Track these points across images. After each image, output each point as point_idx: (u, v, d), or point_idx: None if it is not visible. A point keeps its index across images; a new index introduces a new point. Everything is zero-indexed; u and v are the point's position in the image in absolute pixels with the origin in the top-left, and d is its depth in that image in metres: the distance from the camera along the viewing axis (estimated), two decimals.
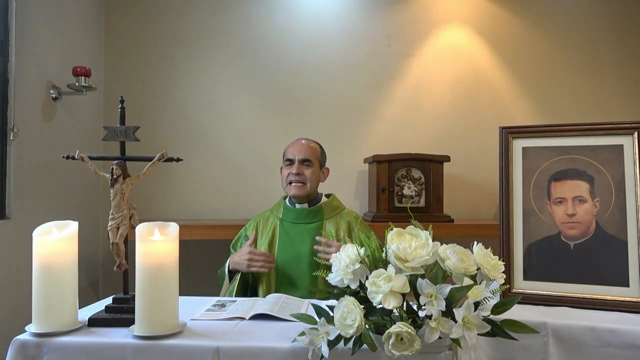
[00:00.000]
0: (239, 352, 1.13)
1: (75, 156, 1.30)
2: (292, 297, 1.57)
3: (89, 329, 1.25)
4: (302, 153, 2.05)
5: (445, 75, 3.04)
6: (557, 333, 1.26)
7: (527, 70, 3.06)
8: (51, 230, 1.24)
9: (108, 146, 2.59)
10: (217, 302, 1.52)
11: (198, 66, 2.99)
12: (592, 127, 1.49)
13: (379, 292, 1.01)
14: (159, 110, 2.97)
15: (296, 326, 1.21)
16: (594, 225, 1.44)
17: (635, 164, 1.42)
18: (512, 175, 1.54)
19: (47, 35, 2.36)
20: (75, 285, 1.26)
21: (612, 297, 1.37)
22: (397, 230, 1.09)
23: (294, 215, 2.06)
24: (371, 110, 3.03)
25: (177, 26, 2.99)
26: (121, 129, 1.35)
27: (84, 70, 2.42)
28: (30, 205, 2.22)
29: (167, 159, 1.34)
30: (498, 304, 1.09)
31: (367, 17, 3.03)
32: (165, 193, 2.95)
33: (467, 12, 3.05)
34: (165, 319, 1.19)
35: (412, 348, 0.97)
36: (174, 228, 1.24)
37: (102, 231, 2.85)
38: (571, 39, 3.07)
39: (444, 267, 1.06)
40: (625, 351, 1.21)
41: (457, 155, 2.85)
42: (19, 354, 1.16)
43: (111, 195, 1.31)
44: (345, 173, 2.96)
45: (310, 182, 2.03)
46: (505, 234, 1.50)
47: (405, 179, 2.67)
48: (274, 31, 3.01)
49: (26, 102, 2.19)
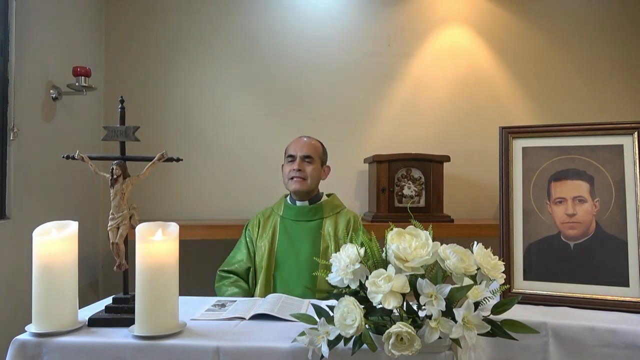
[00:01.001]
0: (239, 352, 1.13)
1: (75, 156, 1.30)
2: (292, 297, 1.57)
3: (89, 329, 1.25)
4: (304, 149, 2.07)
5: (445, 75, 3.04)
6: (557, 333, 1.27)
7: (527, 71, 3.06)
8: (51, 230, 1.24)
9: (108, 146, 2.59)
10: (217, 302, 1.52)
11: (198, 66, 2.99)
12: (592, 127, 1.49)
13: (379, 292, 1.01)
14: (159, 110, 2.97)
15: (296, 326, 1.21)
16: (594, 225, 1.44)
17: (635, 164, 1.42)
18: (512, 175, 1.54)
19: (47, 35, 2.36)
20: (75, 285, 1.26)
21: (612, 297, 1.37)
22: (397, 230, 1.09)
23: (295, 213, 2.07)
24: (371, 110, 3.03)
25: (177, 26, 2.99)
26: (121, 129, 1.35)
27: (84, 70, 2.41)
28: (30, 205, 2.22)
29: (167, 159, 1.34)
30: (498, 304, 1.09)
31: (367, 17, 3.03)
32: (165, 193, 2.95)
33: (467, 12, 3.05)
34: (165, 319, 1.19)
35: (412, 348, 0.97)
36: (174, 228, 1.24)
37: (102, 231, 2.85)
38: (571, 38, 3.07)
39: (444, 267, 1.06)
40: (625, 351, 1.21)
41: (457, 155, 2.84)
42: (19, 354, 1.16)
43: (111, 195, 1.31)
44: (345, 173, 2.96)
45: (311, 178, 2.04)
46: (505, 234, 1.50)
47: (405, 179, 2.66)
48: (274, 31, 3.01)
49: (26, 102, 2.19)
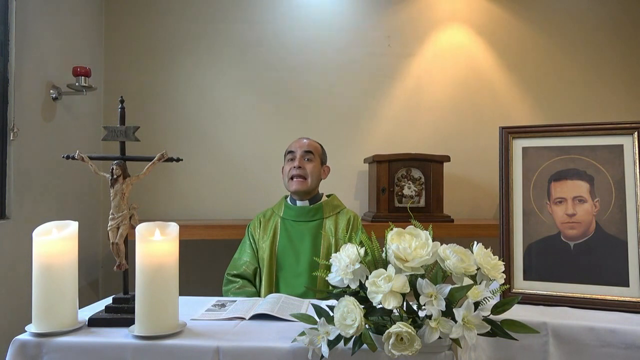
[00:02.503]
0: (239, 352, 1.13)
1: (75, 156, 1.30)
2: (292, 297, 1.57)
3: (89, 329, 1.25)
4: (304, 147, 2.09)
5: (445, 75, 3.04)
6: (557, 333, 1.26)
7: (527, 70, 3.06)
8: (51, 230, 1.24)
9: (108, 146, 2.59)
10: (217, 302, 1.52)
11: (198, 66, 2.99)
12: (592, 127, 1.49)
13: (379, 292, 1.01)
14: (159, 110, 2.97)
15: (296, 326, 1.21)
16: (594, 225, 1.44)
17: (635, 164, 1.42)
18: (512, 175, 1.54)
19: (47, 35, 2.36)
20: (75, 285, 1.26)
21: (612, 297, 1.37)
22: (397, 230, 1.09)
23: (295, 213, 2.07)
24: (371, 110, 3.03)
25: (177, 26, 2.99)
26: (121, 129, 1.35)
27: (84, 70, 2.41)
28: (30, 205, 2.22)
29: (167, 159, 1.34)
30: (498, 304, 1.09)
31: (367, 17, 3.03)
32: (165, 193, 2.95)
33: (467, 12, 3.05)
34: (165, 319, 1.19)
35: (412, 348, 0.97)
36: (174, 228, 1.24)
37: (102, 231, 2.85)
38: (571, 38, 3.07)
39: (444, 267, 1.06)
40: (625, 351, 1.21)
41: (457, 155, 2.84)
42: (19, 354, 1.16)
43: (111, 195, 1.31)
44: (345, 173, 2.96)
45: (311, 177, 2.05)
46: (505, 234, 1.50)
47: (405, 179, 2.66)
48: (274, 31, 3.01)
49: (26, 102, 2.19)
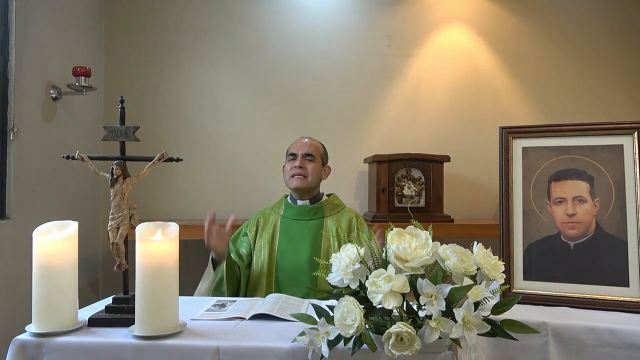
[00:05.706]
0: (239, 352, 1.13)
1: (75, 156, 1.30)
2: (292, 297, 1.57)
3: (89, 329, 1.25)
4: (305, 148, 2.09)
5: (445, 75, 3.04)
6: (557, 333, 1.26)
7: (528, 70, 3.06)
8: (51, 230, 1.24)
9: (108, 146, 2.58)
10: (217, 302, 1.52)
11: (198, 66, 2.99)
12: (592, 127, 1.49)
13: (379, 292, 1.01)
14: (159, 110, 2.97)
15: (296, 326, 1.21)
16: (594, 225, 1.44)
17: (635, 164, 1.42)
18: (512, 175, 1.53)
19: (47, 35, 2.36)
20: (75, 285, 1.26)
21: (612, 297, 1.37)
22: (397, 230, 1.09)
23: (295, 212, 2.07)
24: (371, 110, 3.03)
25: (177, 26, 2.99)
26: (121, 129, 1.35)
27: (84, 70, 2.42)
28: (30, 205, 2.22)
29: (167, 159, 1.34)
30: (498, 304, 1.09)
31: (367, 17, 3.03)
32: (165, 193, 2.95)
33: (467, 12, 3.05)
34: (165, 319, 1.19)
35: (412, 348, 0.97)
36: (174, 228, 1.23)
37: (102, 231, 2.85)
38: (571, 38, 3.07)
39: (444, 267, 1.06)
40: (625, 351, 1.21)
41: (457, 155, 2.84)
42: (19, 354, 1.16)
43: (111, 195, 1.31)
44: (345, 173, 2.96)
45: (312, 176, 2.05)
46: (505, 234, 1.50)
47: (405, 179, 2.66)
48: (274, 31, 3.01)
49: (26, 102, 2.19)
